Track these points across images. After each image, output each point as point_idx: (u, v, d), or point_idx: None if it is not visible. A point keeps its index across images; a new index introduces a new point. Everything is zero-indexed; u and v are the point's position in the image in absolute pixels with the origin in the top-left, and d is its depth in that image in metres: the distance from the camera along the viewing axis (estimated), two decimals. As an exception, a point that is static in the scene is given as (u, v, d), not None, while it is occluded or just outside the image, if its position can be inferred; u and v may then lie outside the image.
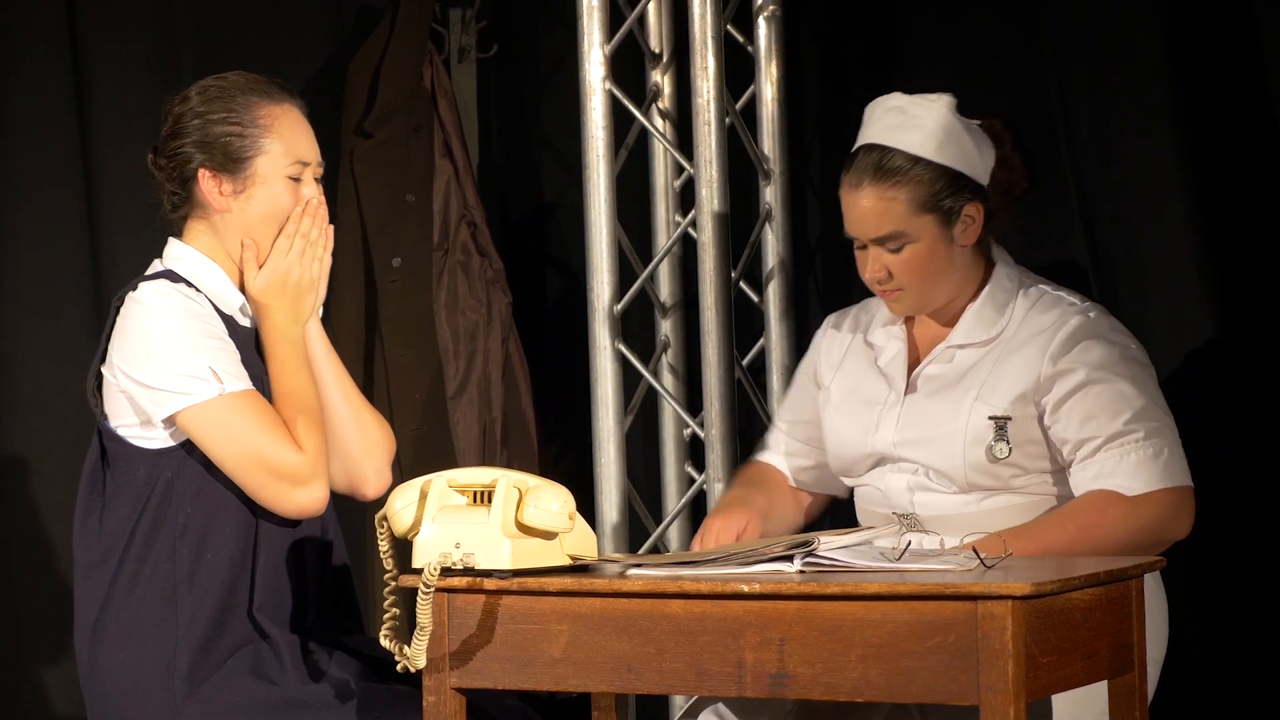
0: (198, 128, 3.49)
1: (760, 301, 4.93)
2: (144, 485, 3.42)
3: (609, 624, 3.04)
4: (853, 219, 3.66)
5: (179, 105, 3.53)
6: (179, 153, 3.50)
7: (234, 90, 3.51)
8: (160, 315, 3.39)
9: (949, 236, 3.64)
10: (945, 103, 3.66)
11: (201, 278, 3.49)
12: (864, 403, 3.73)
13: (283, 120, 3.51)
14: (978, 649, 2.84)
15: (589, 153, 4.71)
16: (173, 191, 3.52)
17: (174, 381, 3.37)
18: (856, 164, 3.67)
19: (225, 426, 3.37)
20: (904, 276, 3.64)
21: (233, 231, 3.50)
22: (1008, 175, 3.71)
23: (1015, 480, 3.61)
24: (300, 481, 3.39)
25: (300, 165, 3.51)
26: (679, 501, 4.91)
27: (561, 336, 5.25)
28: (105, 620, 3.42)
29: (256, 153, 3.48)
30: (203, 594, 3.40)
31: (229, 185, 3.48)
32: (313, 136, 3.55)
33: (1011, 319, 3.66)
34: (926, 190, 3.61)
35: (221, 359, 3.39)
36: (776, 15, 4.89)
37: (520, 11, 5.44)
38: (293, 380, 3.45)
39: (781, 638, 2.94)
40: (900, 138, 3.63)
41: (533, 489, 3.11)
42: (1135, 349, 3.65)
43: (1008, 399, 3.60)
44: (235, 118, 3.49)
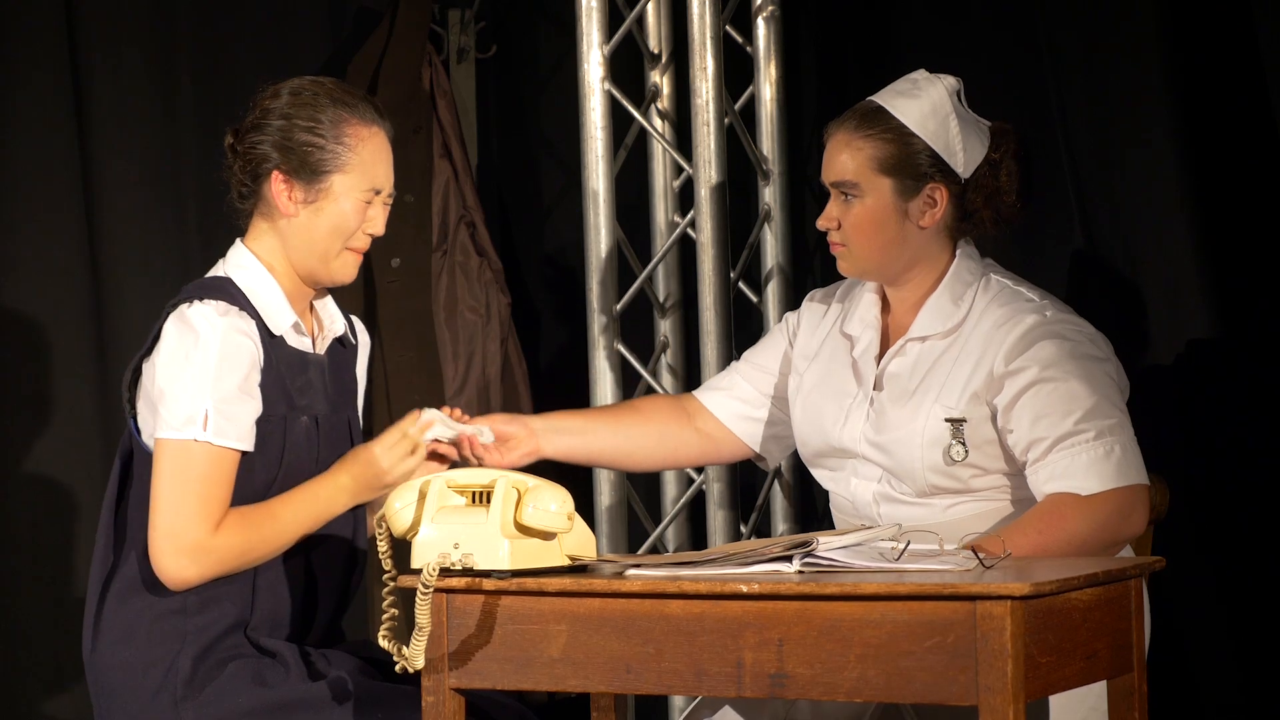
0: (281, 129, 3.46)
1: (759, 302, 4.93)
2: None
3: (608, 624, 3.03)
4: (825, 160, 3.71)
5: (269, 100, 3.50)
6: (256, 148, 3.48)
7: (325, 100, 3.48)
8: (196, 341, 3.36)
9: (903, 208, 3.65)
10: (947, 83, 3.68)
11: (258, 291, 3.46)
12: (835, 394, 3.73)
13: (368, 143, 3.49)
14: (977, 649, 2.84)
15: (588, 153, 4.70)
16: (242, 183, 3.51)
17: (171, 409, 3.35)
18: (849, 111, 3.73)
19: (175, 468, 3.34)
20: (850, 232, 3.66)
21: (296, 240, 3.47)
22: (994, 179, 3.69)
23: (975, 481, 3.60)
24: (182, 551, 3.34)
25: (374, 192, 3.50)
26: (677, 502, 4.90)
27: (560, 337, 5.25)
28: (113, 618, 3.41)
29: (335, 169, 3.47)
30: (211, 606, 3.39)
31: (300, 193, 3.46)
32: (391, 163, 3.53)
33: (970, 313, 3.65)
34: (894, 154, 3.64)
35: (224, 408, 3.36)
36: (775, 16, 4.89)
37: (519, 12, 5.44)
38: (287, 514, 3.40)
39: (780, 638, 2.94)
40: (895, 102, 3.67)
41: (531, 489, 3.11)
42: (1091, 346, 3.60)
43: (963, 400, 3.59)
44: (321, 129, 3.46)
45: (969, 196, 3.67)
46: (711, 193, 4.63)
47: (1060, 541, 3.43)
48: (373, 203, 3.51)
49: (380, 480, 3.44)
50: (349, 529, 3.51)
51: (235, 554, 3.36)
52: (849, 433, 3.68)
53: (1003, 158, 3.70)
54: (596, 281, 4.70)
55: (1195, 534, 4.24)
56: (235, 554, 3.36)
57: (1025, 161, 3.72)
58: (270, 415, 3.41)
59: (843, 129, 3.69)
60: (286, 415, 3.44)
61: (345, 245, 3.50)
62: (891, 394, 3.65)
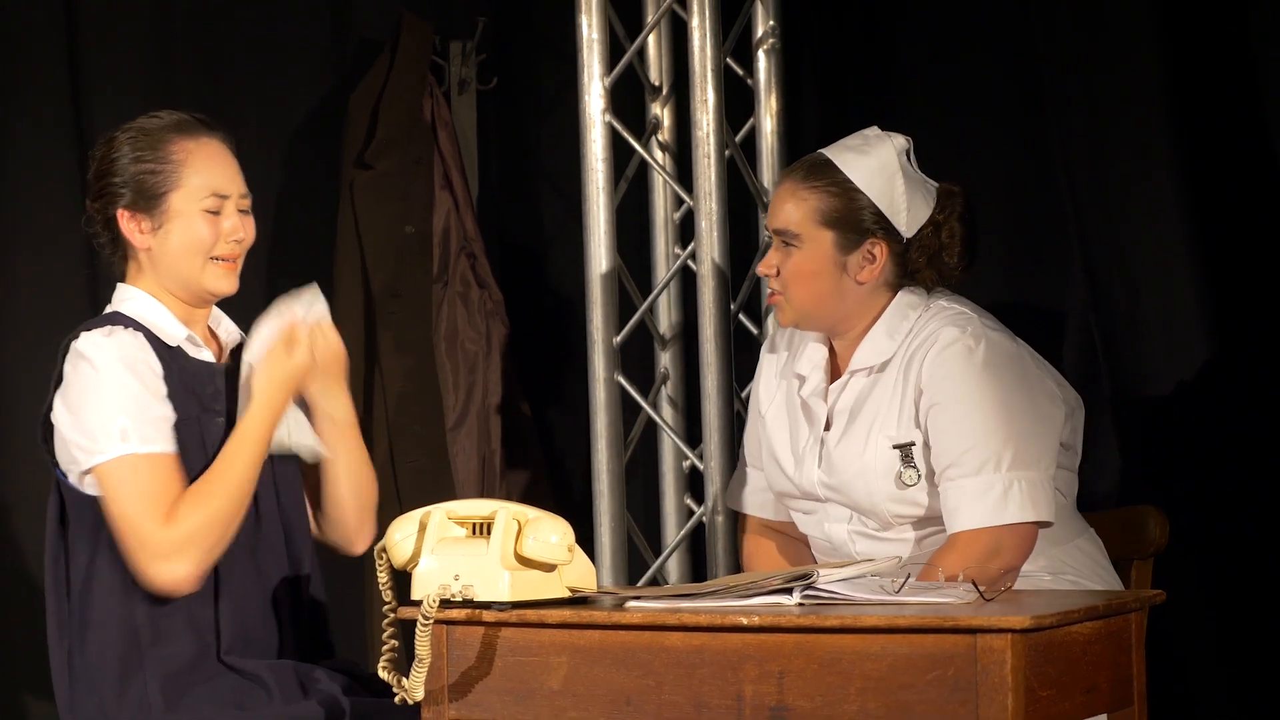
0: (122, 167, 3.51)
1: (760, 334, 4.93)
2: (93, 530, 3.43)
3: (608, 656, 3.03)
4: (771, 207, 3.75)
5: (101, 149, 3.56)
6: (102, 194, 3.53)
7: (153, 129, 3.52)
8: (91, 367, 3.41)
9: (841, 261, 3.67)
10: (896, 143, 3.72)
11: (146, 315, 3.51)
12: (790, 439, 3.76)
13: (197, 154, 3.51)
14: (977, 682, 2.84)
15: (588, 185, 4.71)
16: (101, 234, 3.54)
17: (89, 438, 3.38)
18: (799, 161, 3.79)
19: (117, 486, 3.38)
20: (787, 280, 3.70)
21: (160, 268, 3.51)
22: (937, 240, 3.71)
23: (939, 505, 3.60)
24: (158, 556, 3.36)
25: (217, 198, 3.51)
26: (678, 533, 4.90)
27: (560, 368, 5.25)
28: (74, 664, 3.43)
29: (170, 188, 3.49)
30: (168, 638, 3.40)
31: (147, 223, 3.50)
32: (234, 168, 3.54)
33: (905, 339, 3.67)
34: (837, 208, 3.67)
35: (138, 416, 3.39)
36: (776, 48, 4.90)
37: (520, 44, 5.45)
38: (225, 459, 3.43)
39: (781, 670, 2.94)
40: (844, 157, 3.71)
41: (532, 521, 3.11)
42: (1012, 361, 3.61)
43: (904, 424, 3.61)
44: (150, 155, 3.50)
45: (911, 255, 3.70)
46: (712, 224, 4.63)
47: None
48: (222, 210, 3.51)
49: (284, 381, 3.48)
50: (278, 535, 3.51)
51: (205, 525, 3.37)
52: (806, 478, 3.71)
53: (947, 219, 3.73)
54: (597, 313, 4.70)
55: (1194, 567, 4.23)
56: (205, 525, 3.37)
57: (971, 223, 3.74)
58: (185, 418, 3.45)
59: (790, 178, 3.74)
60: (200, 416, 3.47)
61: (209, 256, 3.51)
62: (839, 430, 3.68)
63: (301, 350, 3.50)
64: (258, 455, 3.46)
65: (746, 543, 3.95)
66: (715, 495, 4.60)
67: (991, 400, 3.56)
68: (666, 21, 4.91)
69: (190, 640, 3.41)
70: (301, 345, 3.50)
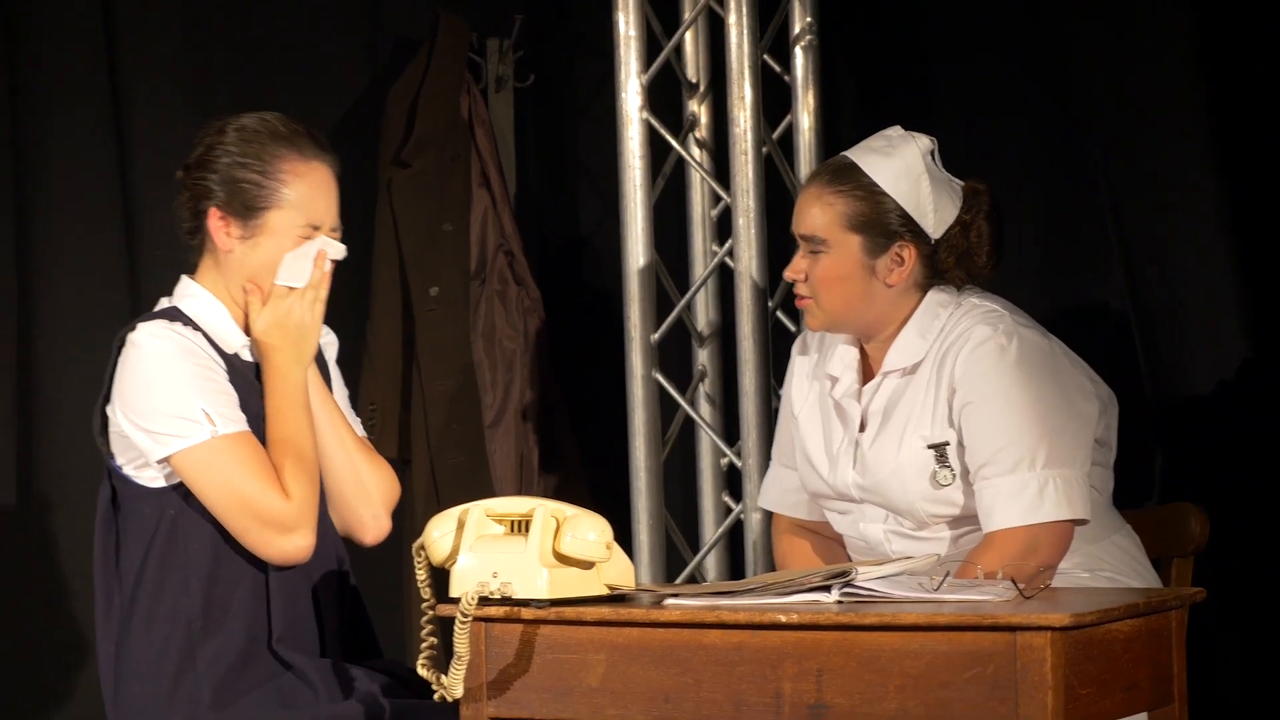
0: (223, 166, 3.50)
1: (798, 331, 4.92)
2: (150, 523, 3.44)
3: (646, 654, 3.03)
4: (796, 211, 3.74)
5: (214, 136, 3.54)
6: (200, 184, 3.52)
7: (266, 136, 3.51)
8: (154, 357, 3.41)
9: (870, 265, 3.66)
10: (920, 143, 3.71)
11: (205, 316, 3.50)
12: (824, 441, 3.75)
13: (306, 179, 3.51)
14: (1017, 680, 2.83)
15: (626, 182, 4.71)
16: (186, 219, 3.54)
17: (167, 424, 3.38)
18: (823, 164, 3.78)
19: (215, 469, 3.38)
20: (816, 285, 3.69)
21: (234, 273, 3.51)
22: (965, 240, 3.70)
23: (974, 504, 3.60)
24: (285, 528, 3.39)
25: (311, 229, 3.51)
26: (716, 531, 4.90)
27: (598, 366, 5.25)
28: (124, 656, 3.44)
29: (272, 205, 3.49)
30: (221, 630, 3.41)
31: (238, 229, 3.49)
32: (334, 197, 3.54)
33: (937, 338, 3.67)
34: (864, 212, 3.66)
35: (215, 400, 3.40)
36: (813, 45, 4.89)
37: (557, 41, 5.45)
38: (289, 426, 3.45)
39: (819, 668, 2.94)
40: (869, 159, 3.70)
41: (570, 518, 3.11)
42: (1046, 358, 3.60)
43: (938, 424, 3.61)
44: (258, 166, 3.49)
45: (939, 256, 3.69)
46: (750, 221, 4.63)
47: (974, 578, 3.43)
48: (311, 240, 3.52)
49: (305, 338, 3.49)
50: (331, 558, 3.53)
51: (313, 494, 3.43)
52: (840, 479, 3.70)
53: (974, 218, 3.71)
54: (635, 310, 4.71)
55: (1235, 565, 4.22)
56: (313, 494, 3.43)
57: (998, 221, 3.73)
58: (246, 409, 3.45)
59: (815, 183, 3.72)
60: (260, 414, 3.48)
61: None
62: (874, 431, 3.67)
63: (306, 303, 3.50)
64: (306, 408, 3.47)
65: (780, 543, 3.95)
66: (753, 492, 4.60)
67: (1025, 398, 3.55)
68: (704, 18, 4.91)
69: (242, 631, 3.42)
70: (307, 298, 3.50)
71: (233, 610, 3.42)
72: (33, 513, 4.85)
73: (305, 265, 3.50)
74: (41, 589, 4.84)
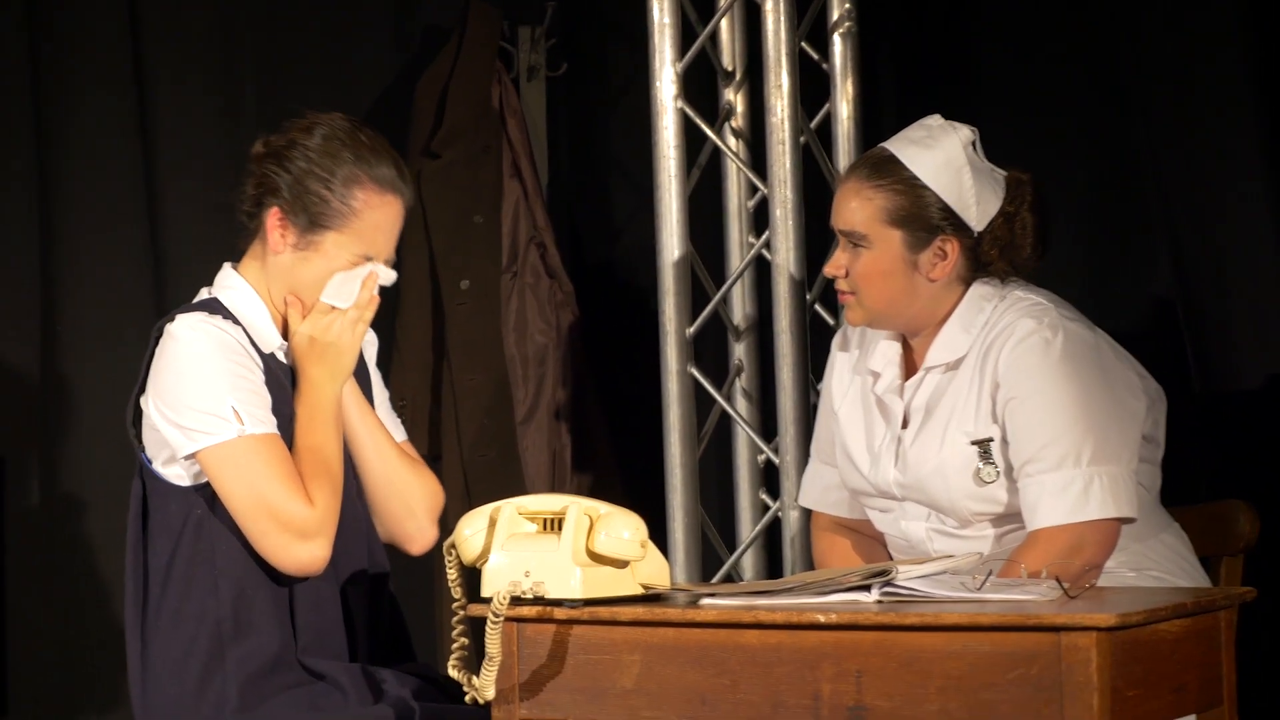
0: (299, 168, 3.49)
1: (836, 325, 4.91)
2: (177, 521, 3.45)
3: (682, 655, 3.03)
4: (835, 206, 3.73)
5: (301, 133, 3.52)
6: (270, 176, 3.51)
7: (349, 154, 3.49)
8: (191, 350, 3.41)
9: (912, 260, 3.66)
10: (961, 134, 3.69)
11: (244, 311, 3.50)
12: (865, 437, 3.75)
13: (376, 211, 3.50)
14: (1062, 682, 2.82)
15: (660, 172, 4.71)
16: (249, 201, 3.54)
17: (196, 419, 3.39)
18: (861, 157, 3.77)
19: (239, 469, 3.39)
20: (857, 281, 3.69)
21: (277, 276, 3.51)
22: (1010, 232, 3.69)
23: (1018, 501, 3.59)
24: (304, 535, 3.39)
25: (365, 259, 3.51)
26: (753, 529, 4.90)
27: (632, 360, 5.25)
28: (151, 655, 3.45)
29: (333, 227, 3.49)
30: (253, 633, 3.41)
31: (293, 236, 3.49)
32: (397, 234, 3.54)
33: (981, 332, 3.65)
34: (904, 206, 3.65)
35: (246, 399, 3.40)
36: (852, 31, 4.88)
37: (590, 29, 5.45)
38: (317, 436, 3.46)
39: (859, 669, 2.93)
40: (908, 151, 3.69)
41: (604, 516, 3.11)
42: (1089, 352, 3.59)
43: (981, 419, 3.60)
44: (331, 180, 3.48)
45: (983, 248, 3.68)
46: (787, 213, 4.63)
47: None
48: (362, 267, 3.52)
49: (342, 357, 3.49)
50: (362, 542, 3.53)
51: (335, 505, 3.42)
52: (882, 476, 3.69)
53: (1018, 209, 3.70)
54: (669, 303, 4.70)
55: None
56: (335, 505, 3.42)
57: (1043, 212, 3.72)
58: (277, 413, 3.46)
59: (854, 177, 3.71)
60: (292, 417, 3.49)
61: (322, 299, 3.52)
62: (916, 427, 3.66)
63: (353, 324, 3.51)
64: (339, 425, 3.48)
65: (819, 541, 3.94)
66: (790, 490, 4.60)
67: (1070, 393, 3.54)
68: (740, 5, 4.91)
69: (273, 636, 3.42)
70: (351, 320, 3.51)
71: (264, 614, 3.43)
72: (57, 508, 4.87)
73: (353, 287, 3.51)
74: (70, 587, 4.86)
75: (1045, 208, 3.72)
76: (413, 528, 3.61)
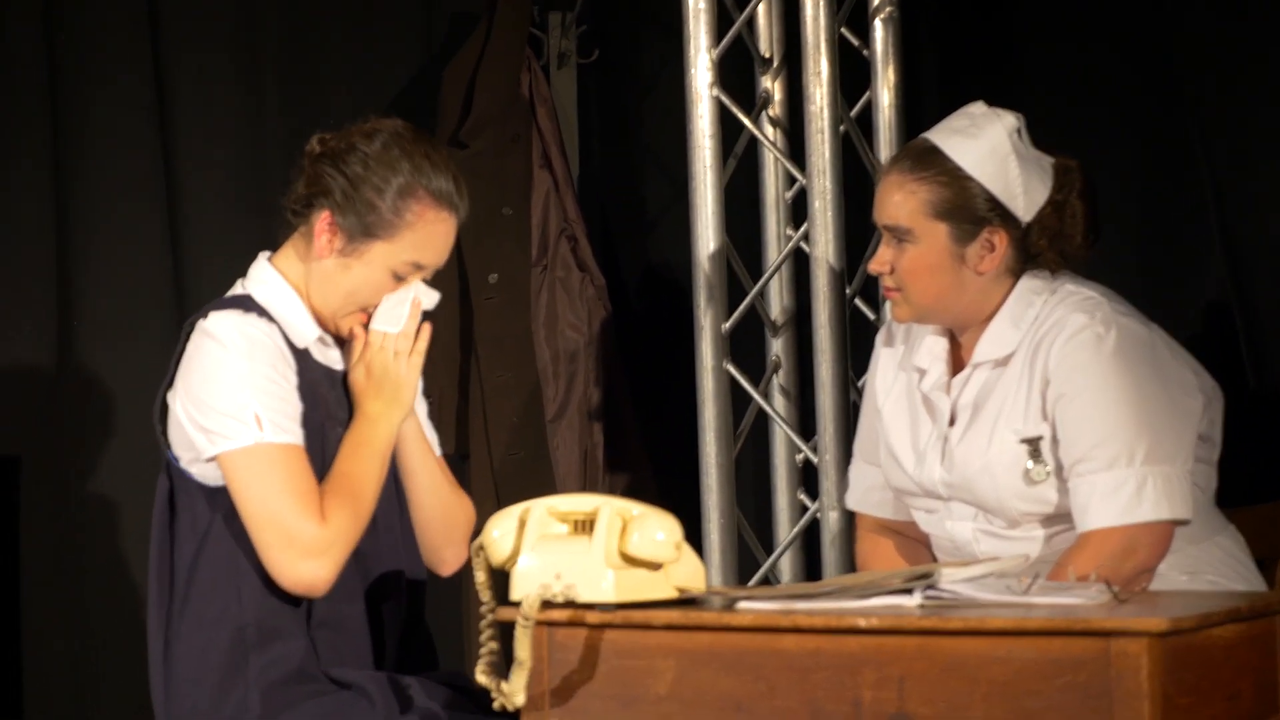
0: (356, 175, 3.49)
1: (877, 319, 4.91)
2: (203, 522, 3.46)
3: (718, 660, 3.03)
4: (877, 200, 3.72)
5: (362, 138, 3.51)
6: (325, 177, 3.50)
7: (408, 166, 3.48)
8: (222, 351, 3.41)
9: (959, 253, 3.65)
10: (1006, 122, 3.68)
11: (278, 307, 3.50)
12: (910, 436, 3.74)
13: (430, 226, 3.50)
14: (1111, 689, 2.82)
15: (695, 162, 4.70)
16: (298, 199, 3.53)
17: (218, 422, 3.39)
18: (903, 149, 3.76)
19: (253, 476, 3.38)
20: (903, 277, 3.68)
21: (317, 280, 3.51)
22: (1059, 221, 3.67)
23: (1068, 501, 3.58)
24: (309, 553, 3.38)
25: (413, 267, 3.52)
26: (791, 531, 4.89)
27: (666, 356, 5.25)
28: (174, 658, 3.45)
29: (383, 237, 3.48)
30: (275, 639, 3.42)
31: (340, 243, 3.49)
32: (448, 249, 3.54)
33: (1031, 327, 3.64)
34: (949, 198, 3.64)
35: (271, 406, 3.40)
36: (894, 17, 4.87)
37: (623, 15, 5.45)
38: (357, 464, 3.45)
39: (901, 675, 2.93)
40: (952, 141, 3.68)
41: (637, 517, 3.11)
42: (1142, 349, 3.58)
43: (1031, 417, 3.59)
44: (387, 190, 3.47)
45: (1032, 239, 3.67)
46: (826, 204, 4.62)
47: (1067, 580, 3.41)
48: (407, 278, 3.52)
49: (399, 391, 3.49)
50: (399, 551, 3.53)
51: (351, 532, 3.41)
52: (927, 475, 3.69)
53: (1067, 197, 3.69)
54: (704, 298, 4.70)
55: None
56: (351, 532, 3.41)
57: (1092, 199, 3.71)
58: (308, 423, 3.45)
59: (896, 169, 3.70)
60: (324, 424, 3.49)
61: (360, 307, 3.52)
62: (964, 425, 3.66)
63: (414, 361, 3.52)
64: (386, 460, 3.48)
65: (862, 543, 3.94)
66: (830, 490, 4.59)
67: (1123, 390, 3.53)
68: (777, -11, 4.91)
69: (299, 643, 3.42)
70: (413, 357, 3.52)
71: (290, 620, 3.43)
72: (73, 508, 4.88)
73: (401, 311, 3.52)
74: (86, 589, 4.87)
75: (1095, 194, 3.71)
76: (449, 553, 3.63)
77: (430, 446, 3.62)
